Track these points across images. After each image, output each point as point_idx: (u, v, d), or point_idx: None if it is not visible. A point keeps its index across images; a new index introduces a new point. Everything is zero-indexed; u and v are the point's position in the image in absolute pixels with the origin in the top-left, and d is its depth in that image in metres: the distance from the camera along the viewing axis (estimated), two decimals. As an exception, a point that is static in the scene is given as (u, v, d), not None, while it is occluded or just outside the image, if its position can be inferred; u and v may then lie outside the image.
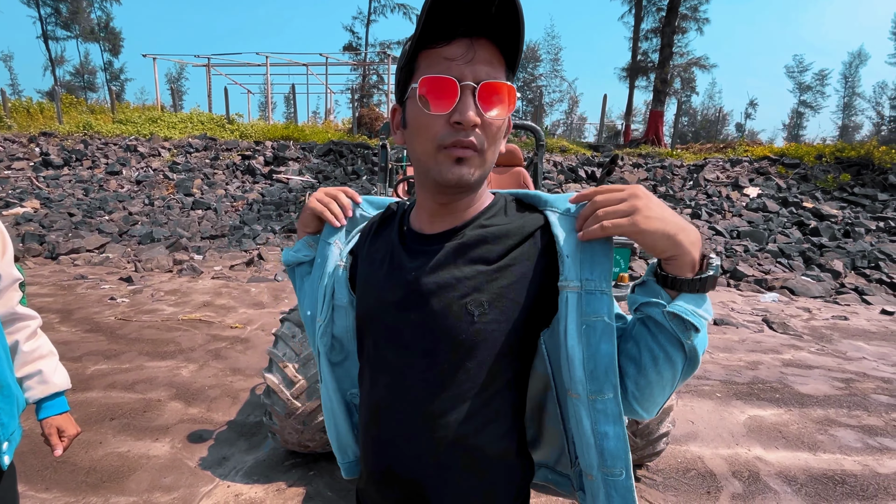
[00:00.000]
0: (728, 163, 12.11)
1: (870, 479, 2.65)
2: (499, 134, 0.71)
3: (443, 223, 0.77)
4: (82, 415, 3.02)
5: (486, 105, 0.67)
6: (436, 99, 0.66)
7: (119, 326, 4.72)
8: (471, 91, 0.66)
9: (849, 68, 37.14)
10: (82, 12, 28.90)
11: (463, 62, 0.65)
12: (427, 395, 0.74)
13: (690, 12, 17.73)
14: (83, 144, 12.05)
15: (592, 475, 0.69)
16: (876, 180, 11.03)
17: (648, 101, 19.34)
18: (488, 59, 0.66)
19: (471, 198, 0.76)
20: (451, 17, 0.64)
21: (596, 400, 0.66)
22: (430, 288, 0.73)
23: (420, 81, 0.67)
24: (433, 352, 0.73)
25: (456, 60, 0.66)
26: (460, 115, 0.65)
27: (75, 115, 14.91)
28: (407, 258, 0.78)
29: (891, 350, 4.84)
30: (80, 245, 7.85)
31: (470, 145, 0.67)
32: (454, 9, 0.63)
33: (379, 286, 0.80)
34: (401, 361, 0.76)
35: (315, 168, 11.61)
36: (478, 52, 0.66)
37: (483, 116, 0.67)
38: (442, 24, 0.65)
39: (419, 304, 0.74)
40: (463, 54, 0.65)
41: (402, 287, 0.76)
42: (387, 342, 0.78)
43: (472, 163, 0.69)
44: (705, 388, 3.78)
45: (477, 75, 0.66)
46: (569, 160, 12.18)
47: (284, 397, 2.25)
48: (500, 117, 0.68)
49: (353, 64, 22.88)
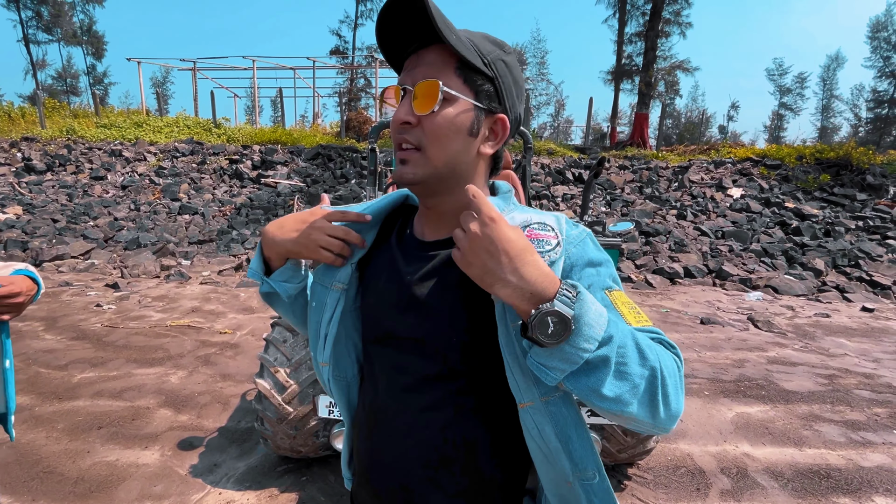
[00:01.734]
0: (712, 164, 12.31)
1: (854, 473, 2.72)
2: (440, 129, 0.70)
3: (438, 230, 0.79)
4: (69, 424, 2.98)
5: (419, 103, 0.70)
6: (393, 106, 0.74)
7: (106, 333, 4.65)
8: (409, 93, 0.71)
9: (827, 71, 38.00)
10: (64, 16, 28.48)
11: (409, 69, 0.72)
12: (419, 398, 0.76)
13: (673, 17, 18.01)
14: (66, 149, 11.85)
15: (570, 482, 0.70)
16: (854, 180, 11.30)
17: (633, 104, 19.57)
18: (430, 61, 0.70)
19: (454, 204, 0.76)
20: (399, 41, 0.72)
21: (549, 401, 0.67)
22: (424, 294, 0.75)
23: (382, 92, 0.77)
24: (427, 356, 0.75)
25: (406, 70, 0.73)
26: (395, 113, 0.72)
27: (58, 119, 14.65)
28: (404, 262, 0.80)
29: (871, 346, 4.95)
30: (65, 251, 7.72)
31: (403, 142, 0.72)
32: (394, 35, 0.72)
33: (378, 289, 0.82)
34: (395, 364, 0.78)
35: (303, 172, 11.56)
36: (422, 57, 0.71)
37: (415, 114, 0.70)
38: (397, 48, 0.73)
39: (414, 309, 0.76)
40: (410, 64, 0.73)
41: (399, 291, 0.78)
42: (384, 344, 0.80)
43: (413, 162, 0.72)
44: (693, 386, 3.84)
45: (415, 79, 0.71)
46: (556, 163, 12.27)
47: (276, 402, 2.24)
48: (425, 111, 0.69)
49: (341, 67, 22.83)
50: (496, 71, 0.72)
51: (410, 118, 0.70)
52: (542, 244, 0.70)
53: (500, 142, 0.77)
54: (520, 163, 3.73)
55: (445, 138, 0.71)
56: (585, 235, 0.75)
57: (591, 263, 0.72)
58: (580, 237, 0.75)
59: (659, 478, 2.62)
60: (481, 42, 0.72)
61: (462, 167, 0.74)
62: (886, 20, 29.03)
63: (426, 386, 0.76)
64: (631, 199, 10.70)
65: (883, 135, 28.59)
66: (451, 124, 0.71)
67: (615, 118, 19.63)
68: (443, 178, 0.73)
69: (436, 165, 0.72)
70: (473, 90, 0.71)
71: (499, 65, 0.72)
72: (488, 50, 0.71)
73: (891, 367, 4.40)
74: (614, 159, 12.74)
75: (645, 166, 12.24)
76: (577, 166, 12.06)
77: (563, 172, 11.68)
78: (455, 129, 0.71)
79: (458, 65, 0.70)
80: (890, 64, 28.98)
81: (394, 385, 0.78)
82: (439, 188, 0.74)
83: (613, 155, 13.23)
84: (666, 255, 8.30)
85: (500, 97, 0.74)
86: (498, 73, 0.72)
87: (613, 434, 2.30)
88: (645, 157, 13.03)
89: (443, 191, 0.75)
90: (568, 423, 0.68)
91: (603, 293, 0.70)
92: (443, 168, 0.72)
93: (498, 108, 0.74)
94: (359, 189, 10.41)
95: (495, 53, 0.72)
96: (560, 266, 0.70)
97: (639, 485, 2.54)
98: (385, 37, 0.72)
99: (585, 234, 0.76)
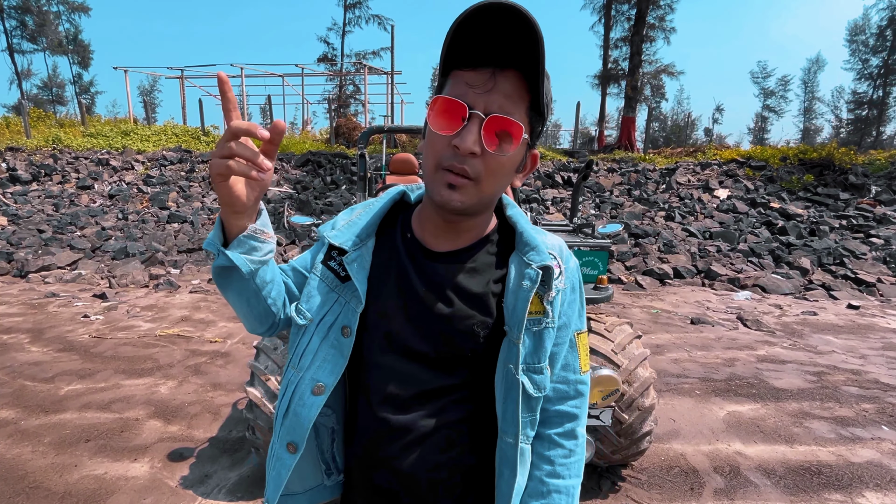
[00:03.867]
0: (698, 166, 12.46)
1: (844, 469, 2.75)
2: (502, 168, 0.70)
3: (447, 242, 0.80)
4: (56, 437, 2.92)
5: (489, 137, 0.66)
6: (444, 120, 0.67)
7: (93, 344, 4.58)
8: (478, 120, 0.65)
9: (808, 74, 38.71)
10: (49, 25, 28.14)
11: (481, 90, 0.65)
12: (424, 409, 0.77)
13: (657, 22, 18.31)
14: (52, 159, 11.70)
15: None
16: (837, 180, 11.51)
17: (620, 108, 19.78)
18: (509, 92, 0.66)
19: (475, 221, 0.79)
20: (477, 43, 0.64)
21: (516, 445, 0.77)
22: (438, 304, 0.76)
23: (434, 100, 0.69)
24: (435, 368, 0.77)
25: (475, 87, 0.66)
26: (460, 140, 0.66)
27: (44, 129, 14.46)
28: (414, 270, 0.79)
29: (858, 343, 5.03)
30: (51, 262, 7.60)
31: (462, 172, 0.67)
32: (479, 35, 0.64)
33: (387, 298, 0.79)
34: (401, 374, 0.78)
35: (293, 179, 11.51)
36: (499, 83, 0.65)
37: (483, 147, 0.66)
38: (468, 48, 0.65)
39: (426, 318, 0.77)
40: (483, 83, 0.65)
41: (409, 302, 0.78)
42: (388, 351, 0.79)
43: (463, 191, 0.68)
44: (685, 386, 3.86)
45: (489, 106, 0.65)
46: (546, 166, 12.35)
47: (267, 411, 2.22)
48: (501, 152, 0.67)
49: (330, 74, 22.84)
50: (547, 114, 0.72)
51: (478, 149, 0.66)
52: (551, 272, 0.76)
53: (529, 174, 0.79)
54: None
55: (504, 176, 0.72)
56: (576, 270, 0.83)
57: (577, 302, 0.83)
58: (574, 272, 0.83)
59: (653, 478, 2.63)
60: (545, 80, 0.68)
61: (499, 196, 0.78)
62: (864, 24, 29.71)
63: (432, 397, 0.77)
64: (620, 202, 10.79)
65: (863, 135, 29.15)
66: (510, 163, 0.71)
67: (603, 122, 19.84)
68: (483, 206, 0.75)
69: (484, 196, 0.72)
70: (530, 130, 0.71)
71: (550, 106, 0.72)
72: (547, 90, 0.70)
73: (877, 363, 4.46)
74: (602, 162, 12.86)
75: (633, 169, 12.36)
76: (566, 170, 12.15)
77: (553, 176, 11.75)
78: (511, 167, 0.72)
79: (530, 104, 0.69)
80: (868, 66, 29.62)
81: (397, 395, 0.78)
82: (472, 213, 0.75)
83: (602, 158, 13.35)
84: (655, 257, 8.37)
85: (539, 136, 0.75)
86: (547, 115, 0.72)
87: (607, 435, 2.31)
88: (633, 159, 13.16)
89: (473, 214, 0.76)
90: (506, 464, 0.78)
91: (573, 334, 0.82)
92: (487, 199, 0.73)
93: (536, 144, 0.76)
94: (349, 195, 10.39)
95: (549, 94, 0.72)
96: (560, 298, 0.78)
97: (633, 486, 2.55)
98: (464, 35, 0.64)
99: (577, 268, 0.84)
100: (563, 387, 0.83)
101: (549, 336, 0.77)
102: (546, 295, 0.76)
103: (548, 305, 0.76)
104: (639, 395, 2.26)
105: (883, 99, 29.10)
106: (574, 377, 0.83)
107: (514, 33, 0.62)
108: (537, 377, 0.77)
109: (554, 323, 0.77)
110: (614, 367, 2.25)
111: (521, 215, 0.83)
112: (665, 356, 4.53)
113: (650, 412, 2.31)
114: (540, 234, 0.80)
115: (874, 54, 29.10)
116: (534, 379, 0.76)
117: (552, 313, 0.76)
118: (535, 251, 0.76)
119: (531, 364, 0.76)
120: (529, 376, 0.76)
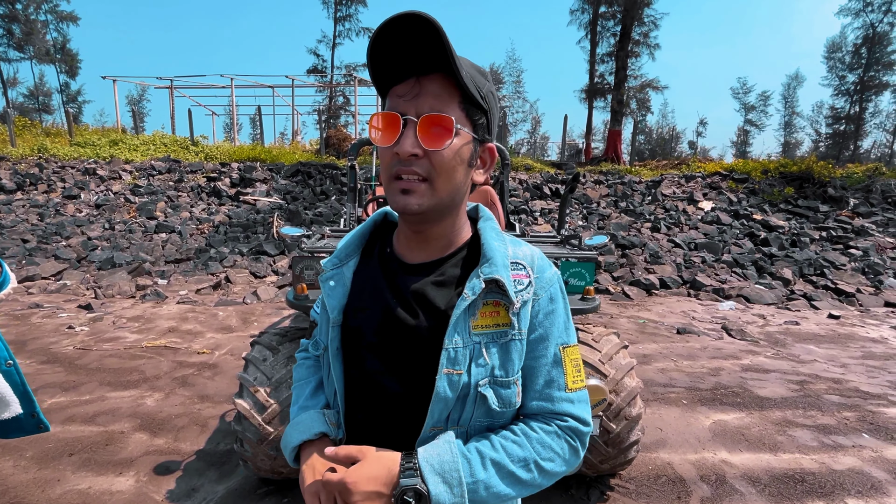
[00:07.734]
0: (683, 178, 12.70)
1: (827, 477, 2.80)
2: (447, 163, 0.72)
3: (421, 253, 0.83)
4: (38, 452, 2.87)
5: (425, 136, 0.70)
6: (385, 134, 0.72)
7: (78, 356, 4.50)
8: (412, 124, 0.70)
9: (787, 89, 39.74)
10: (37, 34, 27.91)
11: (409, 97, 0.71)
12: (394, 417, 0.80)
13: (642, 38, 18.72)
14: (38, 168, 11.54)
15: None
16: (817, 193, 11.81)
17: (607, 121, 20.14)
18: (437, 92, 0.71)
19: (443, 228, 0.81)
20: (395, 59, 0.70)
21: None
22: (406, 316, 0.79)
23: (370, 119, 0.74)
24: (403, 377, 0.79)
25: (404, 96, 0.72)
26: (398, 147, 0.71)
27: (29, 137, 14.27)
28: (387, 284, 0.82)
29: (839, 352, 5.14)
30: (35, 272, 7.47)
31: (411, 173, 0.71)
32: (394, 51, 0.69)
33: (360, 310, 0.83)
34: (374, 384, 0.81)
35: (283, 189, 11.49)
36: (425, 86, 0.71)
37: (423, 147, 0.70)
38: (389, 65, 0.71)
39: (395, 331, 0.79)
40: (410, 90, 0.71)
41: (381, 313, 0.81)
42: (361, 365, 0.82)
43: (417, 194, 0.72)
44: (671, 395, 3.91)
45: (419, 109, 0.70)
46: (533, 178, 12.49)
47: (256, 423, 2.21)
48: (440, 147, 0.71)
49: (320, 86, 22.92)
50: (489, 104, 0.76)
51: (418, 150, 0.70)
52: (517, 284, 0.78)
53: (489, 169, 0.82)
54: (497, 178, 3.82)
55: (453, 171, 0.74)
56: (556, 280, 0.83)
57: (559, 314, 0.82)
58: (551, 282, 0.82)
59: (641, 487, 2.66)
60: (475, 74, 0.73)
61: (459, 196, 0.79)
62: (841, 41, 30.68)
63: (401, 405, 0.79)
64: (607, 213, 10.93)
65: (842, 149, 29.94)
66: (457, 157, 0.74)
67: (589, 135, 20.14)
68: (444, 208, 0.77)
69: (441, 196, 0.74)
70: (472, 123, 0.75)
71: (490, 98, 0.76)
72: (481, 83, 0.74)
73: (857, 371, 4.57)
74: (589, 174, 13.04)
75: (619, 181, 12.55)
76: (554, 181, 12.30)
77: (541, 187, 11.88)
78: (460, 162, 0.75)
79: (462, 98, 0.72)
80: (845, 83, 30.51)
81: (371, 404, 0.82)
82: (436, 216, 0.78)
83: (588, 170, 13.54)
84: (642, 267, 8.48)
85: (490, 128, 0.79)
86: (490, 106, 0.76)
87: (595, 445, 2.34)
88: (619, 171, 13.37)
89: (437, 219, 0.78)
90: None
91: (557, 348, 0.80)
92: (446, 198, 0.76)
93: (488, 138, 0.79)
94: (339, 206, 10.40)
95: (486, 87, 0.76)
96: (529, 309, 0.78)
97: (621, 495, 2.57)
98: (380, 55, 0.70)
99: (556, 278, 0.83)
100: (548, 405, 0.80)
101: (515, 349, 0.77)
102: (510, 306, 0.77)
103: (513, 317, 0.77)
104: (626, 404, 2.29)
105: (859, 114, 29.96)
106: (560, 394, 0.80)
107: (423, 40, 0.67)
108: (503, 391, 0.76)
109: (521, 335, 0.78)
110: (602, 377, 2.29)
111: (489, 227, 0.84)
112: (652, 366, 4.58)
113: (637, 421, 2.35)
114: (504, 245, 0.81)
115: (850, 71, 30.01)
116: (500, 393, 0.76)
117: (518, 325, 0.77)
118: (489, 263, 0.77)
119: (498, 377, 0.76)
120: (495, 389, 0.76)
